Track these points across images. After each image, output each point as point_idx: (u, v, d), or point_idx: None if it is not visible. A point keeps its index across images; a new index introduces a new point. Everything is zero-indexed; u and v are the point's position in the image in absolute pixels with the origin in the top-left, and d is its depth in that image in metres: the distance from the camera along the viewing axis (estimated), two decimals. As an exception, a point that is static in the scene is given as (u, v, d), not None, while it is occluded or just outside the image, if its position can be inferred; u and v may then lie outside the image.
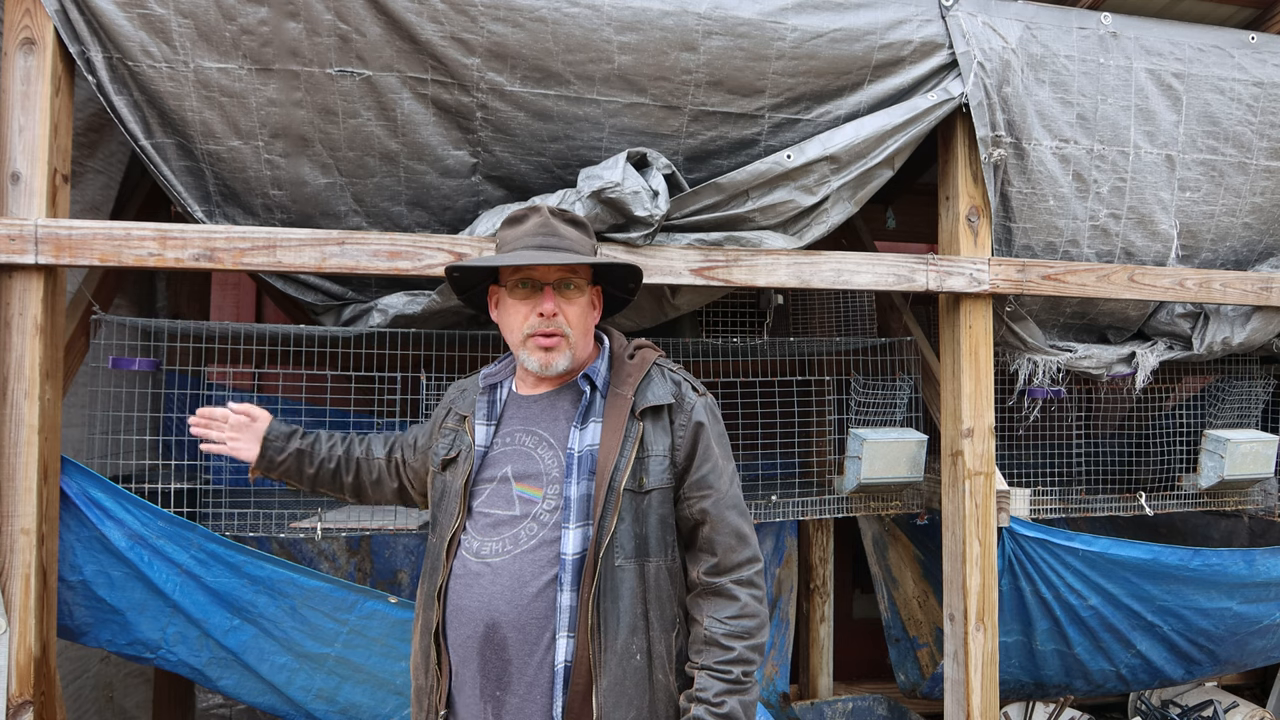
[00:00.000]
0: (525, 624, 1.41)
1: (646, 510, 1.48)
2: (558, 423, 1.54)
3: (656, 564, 1.47)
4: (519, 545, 1.45)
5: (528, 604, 1.42)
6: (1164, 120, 2.50)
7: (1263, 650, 2.97)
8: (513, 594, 1.42)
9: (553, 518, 1.46)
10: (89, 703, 2.73)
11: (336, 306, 2.31)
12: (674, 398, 1.54)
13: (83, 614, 2.07)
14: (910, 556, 3.33)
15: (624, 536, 1.45)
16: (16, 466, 1.87)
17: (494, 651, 1.43)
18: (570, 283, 1.55)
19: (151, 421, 2.51)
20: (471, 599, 1.45)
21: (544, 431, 1.54)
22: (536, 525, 1.46)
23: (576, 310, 1.55)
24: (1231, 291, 2.59)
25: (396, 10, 1.93)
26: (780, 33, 2.12)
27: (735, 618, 1.45)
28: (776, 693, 3.19)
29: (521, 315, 1.54)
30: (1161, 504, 2.89)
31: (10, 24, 1.90)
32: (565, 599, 1.41)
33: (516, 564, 1.44)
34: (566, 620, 1.41)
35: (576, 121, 2.13)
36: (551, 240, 1.53)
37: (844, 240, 3.24)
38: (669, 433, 1.52)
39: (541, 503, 1.48)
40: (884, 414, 2.72)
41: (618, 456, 1.46)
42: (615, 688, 1.40)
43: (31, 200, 1.89)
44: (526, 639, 1.41)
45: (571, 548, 1.42)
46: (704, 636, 1.45)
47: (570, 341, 1.54)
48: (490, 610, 1.43)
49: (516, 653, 1.42)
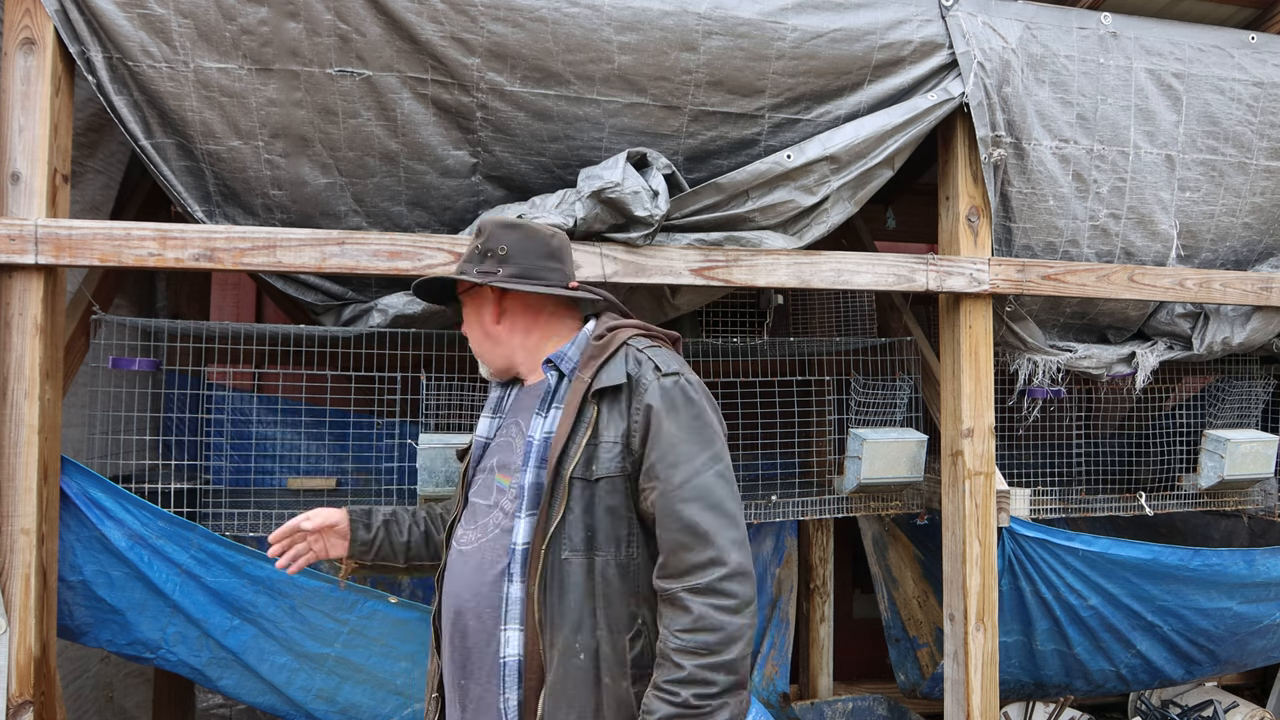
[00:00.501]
0: (482, 613, 1.41)
1: (596, 501, 1.39)
2: (530, 411, 1.52)
3: (604, 559, 1.37)
4: (485, 534, 1.47)
5: (485, 593, 1.41)
6: (1164, 120, 2.50)
7: (1263, 650, 2.97)
8: (473, 582, 1.43)
9: (513, 506, 1.44)
10: (89, 703, 2.73)
11: (336, 306, 2.31)
12: (631, 378, 1.42)
13: (83, 614, 2.07)
14: (910, 556, 3.33)
15: (572, 528, 1.37)
16: (16, 466, 1.87)
17: (460, 638, 1.44)
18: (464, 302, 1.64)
19: (151, 421, 2.51)
20: (450, 585, 1.49)
21: (521, 420, 1.54)
22: (500, 514, 1.46)
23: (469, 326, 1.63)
24: (1231, 291, 2.59)
25: (396, 10, 1.93)
26: (780, 33, 2.12)
27: (687, 631, 1.28)
28: (776, 693, 3.19)
29: None
30: (1161, 504, 2.89)
31: (10, 24, 1.90)
32: (514, 590, 1.38)
33: (480, 553, 1.45)
34: (516, 612, 1.38)
35: (576, 121, 2.13)
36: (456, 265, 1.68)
37: (844, 240, 3.24)
38: (624, 417, 1.40)
39: (508, 491, 1.47)
40: (884, 414, 2.72)
41: (566, 442, 1.39)
42: (557, 686, 1.34)
43: (31, 200, 1.89)
44: (483, 628, 1.41)
45: (521, 537, 1.39)
46: (659, 650, 1.33)
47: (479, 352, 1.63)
48: (458, 597, 1.45)
49: (475, 641, 1.42)
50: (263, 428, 2.87)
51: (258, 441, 2.83)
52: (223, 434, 2.79)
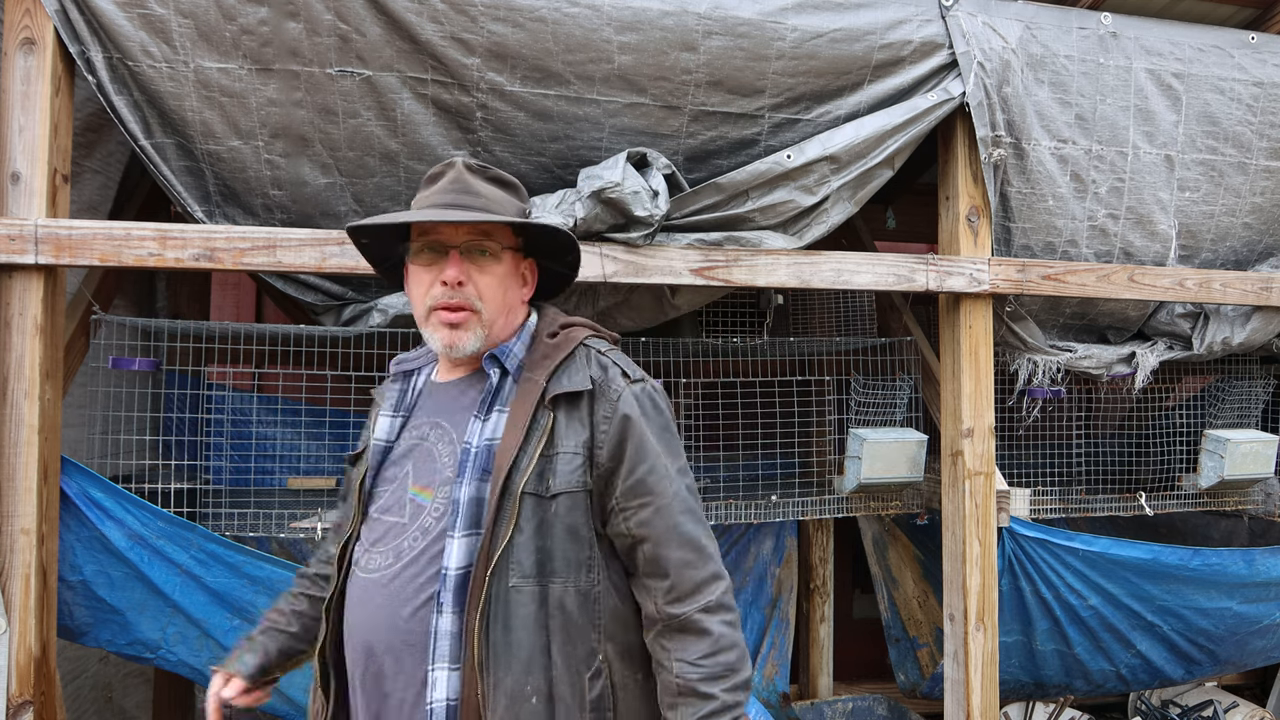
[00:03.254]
0: (400, 651, 1.19)
1: (552, 520, 1.21)
2: (461, 412, 1.29)
3: (563, 587, 1.21)
4: (401, 558, 1.22)
5: (403, 627, 1.19)
6: (1163, 120, 2.50)
7: (1263, 650, 2.97)
8: (389, 615, 1.20)
9: (438, 525, 1.22)
10: (88, 703, 2.73)
11: (336, 306, 2.31)
12: (595, 383, 1.27)
13: (83, 614, 2.07)
14: (910, 556, 3.33)
15: (521, 551, 1.19)
16: (16, 466, 1.87)
17: (373, 682, 1.21)
18: (483, 248, 1.29)
19: (151, 421, 2.51)
20: (355, 617, 1.24)
21: (447, 423, 1.30)
22: (420, 534, 1.23)
23: (490, 281, 1.29)
24: (1231, 291, 2.59)
25: (396, 10, 1.93)
26: (780, 33, 2.12)
27: (709, 656, 1.19)
28: (776, 693, 3.19)
29: (424, 284, 1.29)
30: (1161, 504, 2.89)
31: (10, 24, 1.90)
32: (445, 623, 1.16)
33: (397, 580, 1.21)
34: (447, 649, 1.16)
35: (576, 121, 2.13)
36: (463, 199, 1.28)
37: (844, 240, 3.24)
38: (587, 426, 1.25)
39: (430, 507, 1.24)
40: (884, 414, 2.72)
41: (517, 453, 1.21)
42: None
43: (31, 200, 1.89)
44: (403, 669, 1.19)
45: (454, 561, 1.18)
46: (676, 686, 1.19)
47: (482, 318, 1.28)
48: (368, 633, 1.22)
49: (393, 685, 1.20)
50: (263, 428, 2.87)
51: (258, 441, 2.83)
52: (223, 434, 2.79)
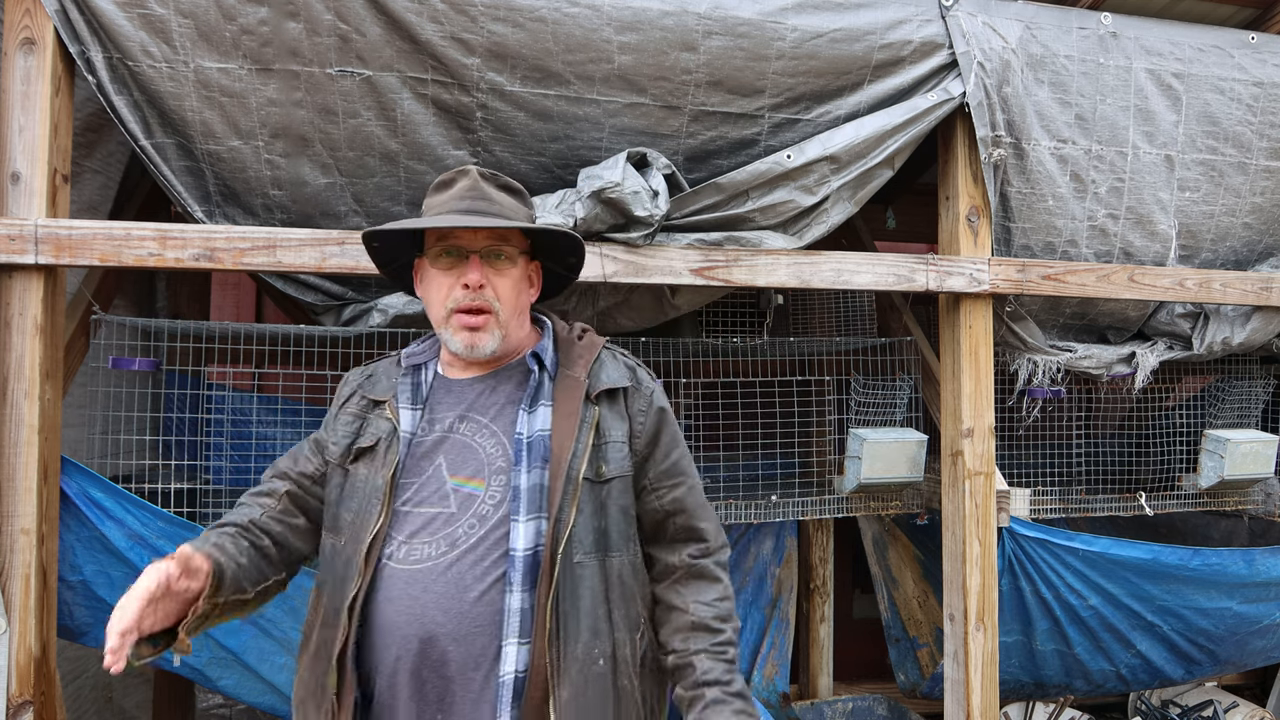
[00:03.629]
0: (467, 634, 1.24)
1: (606, 501, 1.35)
2: (501, 406, 1.37)
3: (620, 559, 1.35)
4: (456, 546, 1.28)
5: (469, 610, 1.24)
6: (1163, 120, 2.50)
7: (1263, 650, 2.97)
8: (451, 601, 1.25)
9: (498, 511, 1.29)
10: (88, 703, 2.73)
11: (336, 306, 2.31)
12: (630, 381, 1.43)
13: (83, 614, 2.07)
14: (910, 556, 3.33)
15: (583, 530, 1.31)
16: (16, 466, 1.87)
17: (431, 670, 1.24)
18: (500, 252, 1.37)
19: (151, 421, 2.50)
20: (399, 613, 1.26)
21: (484, 417, 1.37)
22: (478, 521, 1.29)
23: (507, 283, 1.38)
24: (1231, 291, 2.59)
25: (396, 10, 1.93)
26: (780, 33, 2.12)
27: (720, 600, 1.39)
28: (776, 693, 3.19)
29: (444, 288, 1.37)
30: (1161, 504, 2.89)
31: (10, 24, 1.90)
32: (515, 601, 1.25)
33: (455, 567, 1.26)
34: (517, 625, 1.24)
35: (576, 121, 2.13)
36: (480, 205, 1.36)
37: (844, 240, 3.24)
38: (626, 418, 1.40)
39: (484, 496, 1.31)
40: (884, 414, 2.72)
41: (574, 442, 1.32)
42: (577, 699, 1.25)
43: (31, 200, 1.89)
44: (470, 651, 1.24)
45: (522, 543, 1.26)
46: (690, 623, 1.36)
47: (500, 319, 1.37)
48: (425, 623, 1.24)
49: (459, 669, 1.24)
50: (263, 428, 2.87)
51: (258, 441, 2.82)
52: (223, 434, 2.79)
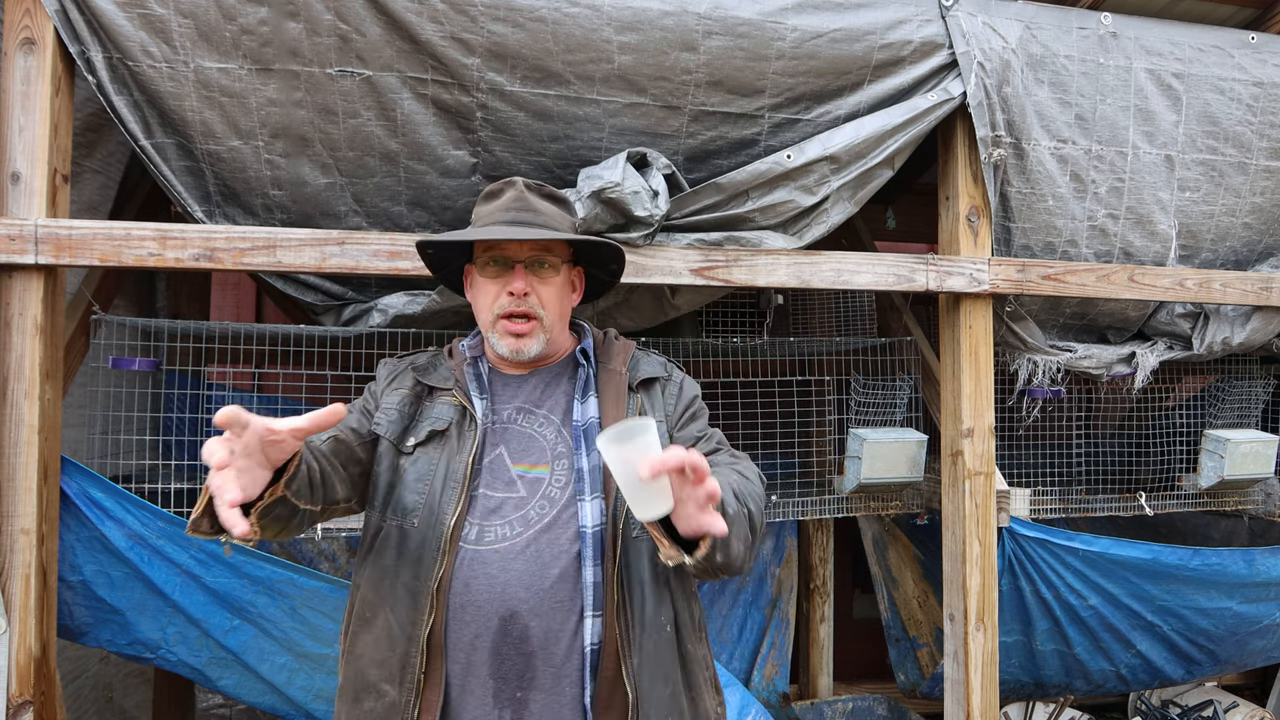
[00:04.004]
0: (549, 609, 1.30)
1: None
2: (557, 398, 1.47)
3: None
4: (530, 525, 1.35)
5: (551, 587, 1.31)
6: (1163, 120, 2.50)
7: (1263, 650, 2.97)
8: (532, 578, 1.31)
9: (565, 493, 1.37)
10: (89, 703, 2.73)
11: (336, 306, 2.31)
12: (664, 372, 1.55)
13: (83, 614, 2.07)
14: (910, 556, 3.33)
15: None
16: (16, 466, 1.87)
17: (512, 646, 1.30)
18: (544, 261, 1.47)
19: (151, 421, 2.51)
20: (479, 592, 1.31)
21: (541, 409, 1.46)
22: (547, 503, 1.37)
23: (551, 291, 1.47)
24: (1231, 291, 2.59)
25: (396, 10, 1.93)
26: (780, 33, 2.12)
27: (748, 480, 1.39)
28: (776, 693, 3.19)
29: (491, 295, 1.46)
30: (1161, 504, 2.89)
31: (10, 24, 1.90)
32: (589, 575, 1.32)
33: (533, 546, 1.33)
34: (592, 598, 1.31)
35: (576, 121, 2.13)
36: (525, 215, 1.45)
37: (844, 240, 3.24)
38: (660, 404, 1.51)
39: (549, 479, 1.39)
40: (884, 414, 2.72)
41: None
42: (648, 664, 1.32)
43: (31, 200, 1.89)
44: (551, 626, 1.30)
45: (591, 520, 1.34)
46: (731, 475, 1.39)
47: (544, 324, 1.45)
48: (506, 601, 1.30)
49: (541, 643, 1.30)
50: (263, 428, 2.86)
51: (258, 441, 2.82)
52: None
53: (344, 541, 2.92)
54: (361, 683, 1.34)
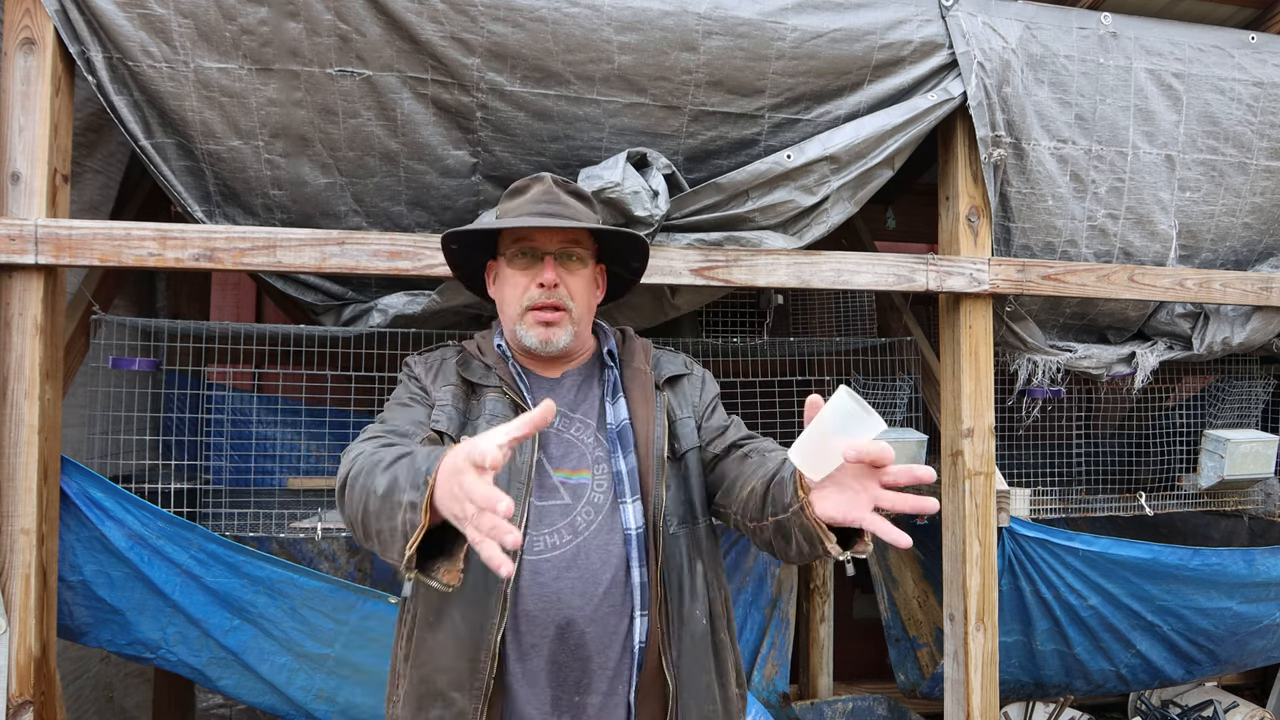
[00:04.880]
0: (603, 615, 1.31)
1: (686, 474, 1.45)
2: (590, 402, 1.47)
3: (702, 525, 1.45)
4: (578, 533, 1.35)
5: (604, 593, 1.32)
6: (1164, 120, 2.50)
7: (1263, 650, 2.97)
8: (585, 585, 1.31)
9: (607, 498, 1.38)
10: (89, 703, 2.73)
11: (336, 306, 2.31)
12: (686, 369, 1.57)
13: (83, 614, 2.07)
14: (910, 556, 3.33)
15: (673, 504, 1.41)
16: (16, 466, 1.87)
17: (569, 654, 1.30)
18: (572, 254, 1.45)
19: (151, 421, 2.51)
20: (533, 601, 1.30)
21: (576, 414, 1.46)
22: (592, 509, 1.37)
23: (579, 283, 1.46)
24: (1231, 291, 2.59)
25: (396, 10, 1.93)
26: (780, 33, 2.12)
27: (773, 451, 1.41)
28: (776, 693, 3.19)
29: (520, 286, 1.44)
30: (1161, 504, 2.89)
31: (10, 24, 1.90)
32: (637, 575, 1.34)
33: (581, 554, 1.33)
34: (640, 598, 1.33)
35: (576, 121, 2.13)
36: (555, 208, 1.44)
37: (844, 240, 3.24)
38: (686, 399, 1.52)
39: (592, 484, 1.39)
40: (884, 414, 2.72)
41: (655, 426, 1.43)
42: (687, 656, 1.36)
43: (31, 200, 1.89)
44: (605, 630, 1.31)
45: (634, 522, 1.36)
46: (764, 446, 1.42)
47: (573, 316, 1.44)
48: (561, 609, 1.30)
49: (596, 648, 1.30)
50: (263, 428, 2.87)
51: (258, 441, 2.82)
52: (223, 434, 2.79)
53: (344, 542, 2.91)
54: (427, 689, 1.31)
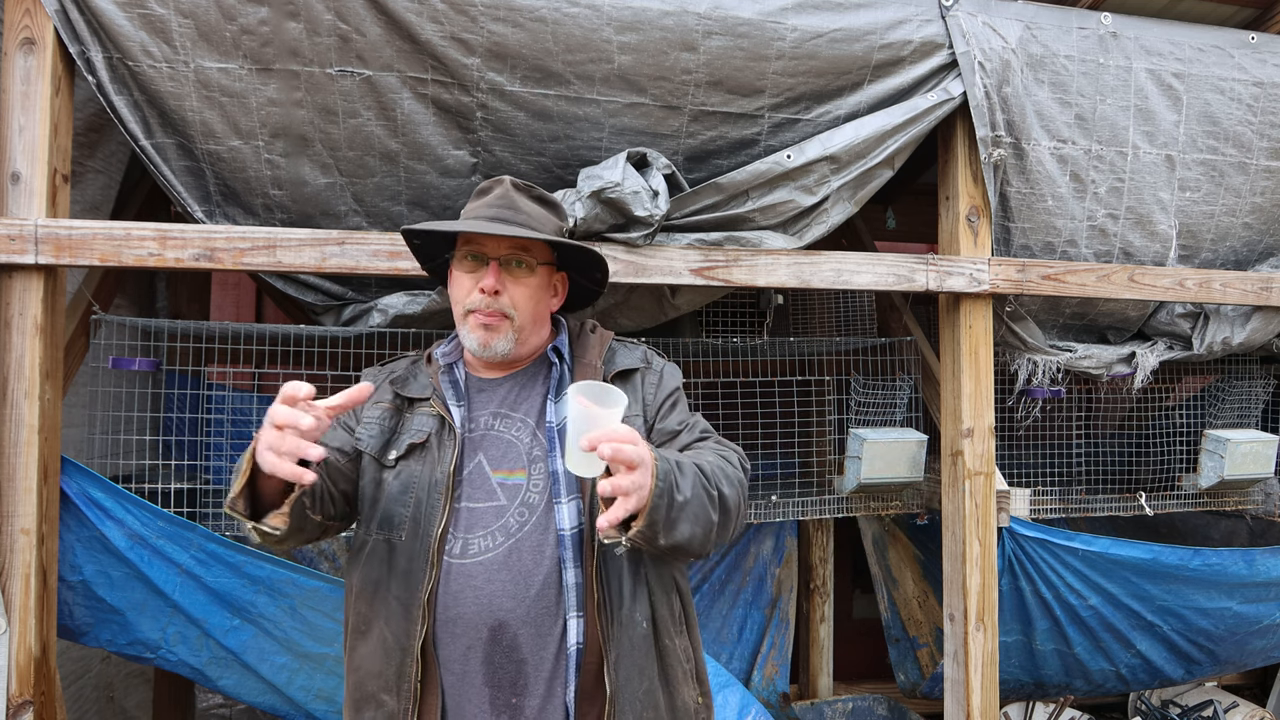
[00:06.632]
0: (536, 617, 1.32)
1: None
2: (532, 401, 1.46)
3: None
4: (510, 535, 1.35)
5: (536, 594, 1.32)
6: (1164, 120, 2.50)
7: (1263, 650, 2.97)
8: (517, 588, 1.32)
9: (542, 498, 1.37)
10: (89, 703, 2.73)
11: (336, 306, 2.31)
12: (643, 363, 1.52)
13: (83, 614, 2.07)
14: (910, 556, 3.33)
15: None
16: (16, 466, 1.87)
17: (504, 655, 1.31)
18: (520, 261, 1.44)
19: (151, 421, 2.51)
20: (467, 605, 1.32)
21: (517, 413, 1.45)
22: (526, 510, 1.37)
23: (524, 292, 1.44)
24: (1231, 291, 2.59)
25: (396, 10, 1.93)
26: (780, 33, 2.12)
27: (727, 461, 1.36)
28: (776, 693, 3.19)
29: (465, 289, 1.44)
30: (1161, 504, 2.89)
31: (10, 24, 1.90)
32: (570, 576, 1.33)
33: (514, 555, 1.34)
34: (574, 599, 1.33)
35: (576, 121, 2.13)
36: (507, 214, 1.43)
37: (844, 240, 3.24)
38: (639, 394, 1.47)
39: (527, 485, 1.38)
40: (884, 414, 2.72)
41: None
42: (625, 660, 1.33)
43: (31, 200, 1.89)
44: (540, 632, 1.32)
45: (568, 522, 1.35)
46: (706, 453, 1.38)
47: (514, 324, 1.43)
48: (493, 612, 1.31)
49: (531, 650, 1.31)
50: (263, 428, 2.86)
51: (258, 441, 2.82)
52: (223, 434, 2.79)
53: (344, 542, 2.92)
54: (361, 693, 1.36)
